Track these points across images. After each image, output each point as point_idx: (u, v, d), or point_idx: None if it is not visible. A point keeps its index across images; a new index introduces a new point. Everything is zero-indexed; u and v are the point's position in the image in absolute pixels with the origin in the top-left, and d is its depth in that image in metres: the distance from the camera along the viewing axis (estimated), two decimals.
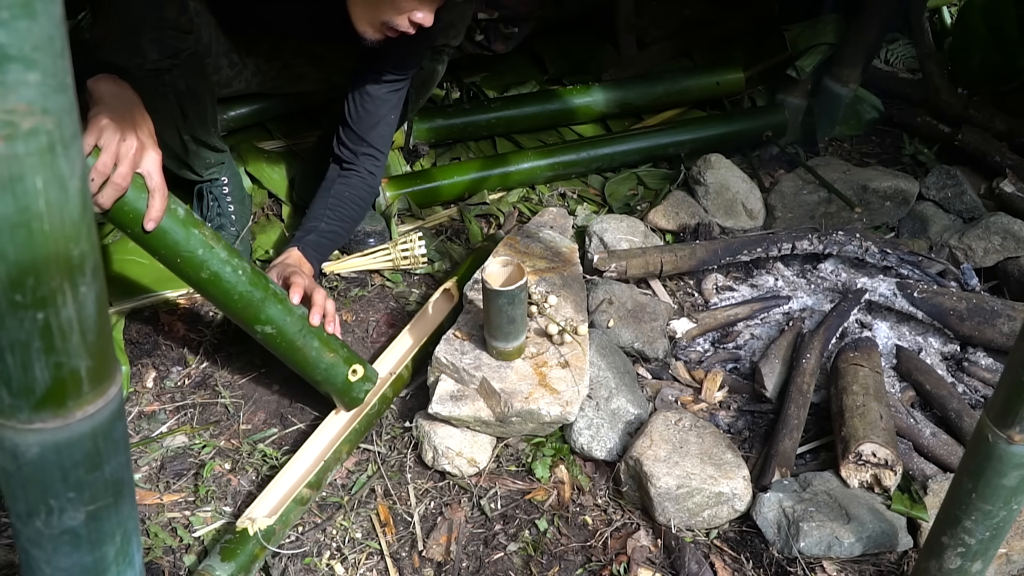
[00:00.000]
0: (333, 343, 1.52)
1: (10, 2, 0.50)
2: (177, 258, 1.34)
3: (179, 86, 1.63)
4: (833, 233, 1.95)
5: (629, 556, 1.41)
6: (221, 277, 1.36)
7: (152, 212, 1.28)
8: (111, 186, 1.24)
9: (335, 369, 1.51)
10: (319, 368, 1.50)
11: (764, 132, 2.49)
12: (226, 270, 1.36)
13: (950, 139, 2.46)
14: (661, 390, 1.70)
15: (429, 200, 2.20)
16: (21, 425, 0.64)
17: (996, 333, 1.74)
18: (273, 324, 1.43)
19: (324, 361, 1.50)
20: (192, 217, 1.35)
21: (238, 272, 1.37)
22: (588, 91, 2.51)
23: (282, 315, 1.44)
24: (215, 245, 1.35)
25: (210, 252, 1.34)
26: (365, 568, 1.40)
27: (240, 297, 1.39)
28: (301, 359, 1.49)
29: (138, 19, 1.51)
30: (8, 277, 0.57)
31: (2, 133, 0.53)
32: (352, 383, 1.53)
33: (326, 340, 1.50)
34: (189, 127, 1.72)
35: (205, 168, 1.86)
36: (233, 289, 1.38)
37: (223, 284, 1.37)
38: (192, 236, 1.32)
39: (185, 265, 1.34)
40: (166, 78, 1.60)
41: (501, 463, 1.56)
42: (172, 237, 1.31)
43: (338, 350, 1.52)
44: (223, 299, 1.39)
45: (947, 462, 1.55)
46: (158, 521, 1.44)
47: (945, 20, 2.99)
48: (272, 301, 1.43)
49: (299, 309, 1.48)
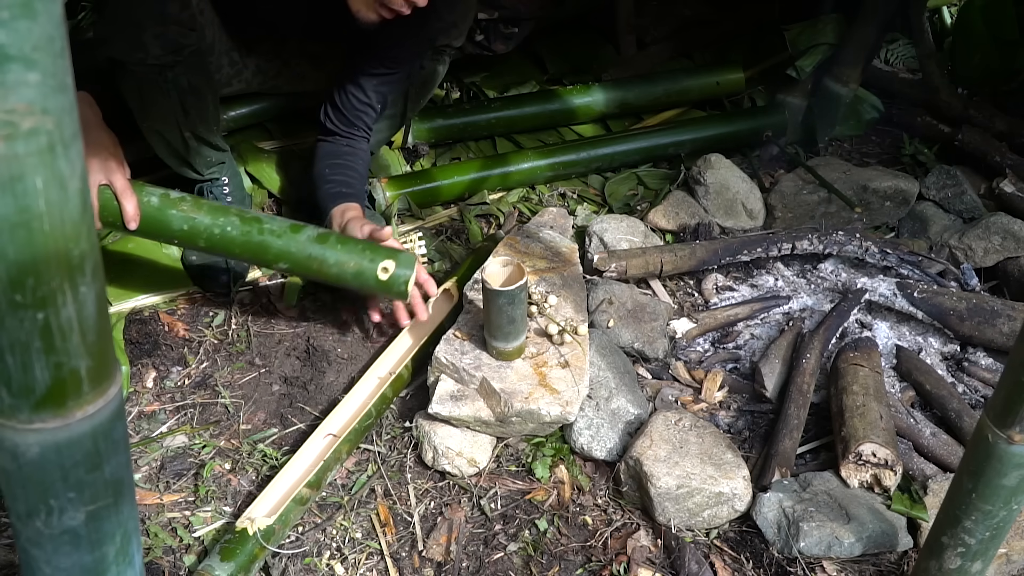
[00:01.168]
0: (351, 249, 1.52)
1: (10, 2, 0.50)
2: (173, 239, 1.52)
3: (181, 83, 1.64)
4: (833, 233, 1.95)
5: (629, 556, 1.41)
6: (215, 238, 1.49)
7: (127, 214, 1.46)
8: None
9: (364, 274, 1.52)
10: (348, 278, 1.52)
11: (764, 132, 2.49)
12: (215, 232, 1.49)
13: (950, 139, 2.46)
14: (661, 390, 1.70)
15: (429, 200, 2.19)
16: (21, 425, 0.64)
17: (996, 333, 1.74)
18: (283, 259, 1.51)
19: (348, 271, 1.51)
20: (168, 199, 1.49)
21: (227, 229, 1.49)
22: (588, 91, 2.51)
23: (286, 248, 1.51)
24: (197, 214, 1.48)
25: (194, 223, 1.48)
26: (365, 568, 1.40)
27: (241, 247, 1.50)
28: (328, 276, 1.53)
29: (141, 14, 1.52)
30: (8, 277, 0.57)
31: (2, 133, 0.53)
32: (387, 281, 1.52)
33: (343, 250, 1.51)
34: (191, 124, 1.72)
35: (206, 167, 1.86)
36: (232, 243, 1.50)
37: (220, 243, 1.50)
38: (172, 218, 1.48)
39: (183, 241, 1.51)
40: (168, 75, 1.60)
41: (501, 463, 1.56)
42: (156, 225, 1.49)
43: (359, 254, 1.51)
44: (229, 254, 1.54)
45: (947, 462, 1.55)
46: (158, 521, 1.44)
47: (945, 20, 2.98)
48: (271, 238, 1.50)
49: (303, 233, 1.51)
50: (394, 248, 1.57)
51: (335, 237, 1.54)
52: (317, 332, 1.82)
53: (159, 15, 1.52)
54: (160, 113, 1.67)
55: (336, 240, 1.54)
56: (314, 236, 1.52)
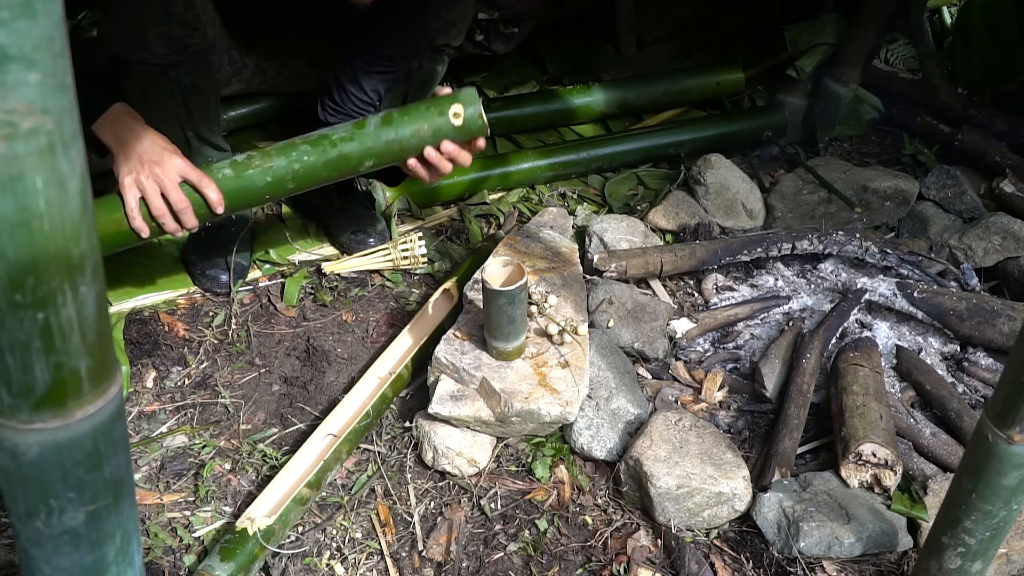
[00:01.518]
0: (417, 115, 1.48)
1: (10, 2, 0.50)
2: (263, 197, 1.51)
3: (184, 82, 1.64)
4: (833, 233, 1.95)
5: (629, 556, 1.41)
6: (300, 175, 1.48)
7: (211, 200, 1.46)
8: (182, 214, 1.45)
9: (442, 129, 1.49)
10: (430, 141, 1.49)
11: (764, 132, 2.49)
12: (297, 169, 1.47)
13: (950, 139, 2.46)
14: (661, 390, 1.70)
15: (429, 200, 2.19)
16: (21, 425, 0.64)
17: (996, 333, 1.74)
18: (368, 157, 1.49)
19: (427, 134, 1.49)
20: (238, 164, 1.48)
21: (305, 159, 1.47)
22: (588, 91, 2.51)
23: (364, 147, 1.49)
24: (272, 162, 1.47)
25: (272, 172, 1.47)
26: (365, 568, 1.40)
27: (327, 168, 1.49)
28: (413, 149, 1.50)
29: (146, 13, 1.52)
30: (8, 277, 0.57)
31: (2, 133, 0.53)
32: (464, 124, 1.48)
33: (411, 120, 1.48)
34: (193, 124, 1.73)
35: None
36: (317, 170, 1.49)
37: (308, 177, 1.49)
38: (252, 180, 1.47)
39: (273, 194, 1.50)
40: (171, 74, 1.61)
41: (501, 463, 1.56)
42: (242, 194, 1.48)
43: (427, 116, 1.48)
44: (320, 181, 1.51)
45: (947, 462, 1.55)
46: (158, 521, 1.44)
47: (945, 20, 2.98)
48: (346, 146, 1.48)
49: (368, 125, 1.49)
50: (450, 94, 1.51)
51: (396, 113, 1.50)
52: (317, 332, 1.82)
53: (163, 14, 1.52)
54: (163, 113, 1.67)
55: (399, 114, 1.50)
56: (379, 122, 1.49)
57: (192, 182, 1.46)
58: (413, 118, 1.48)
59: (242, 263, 1.91)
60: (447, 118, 1.47)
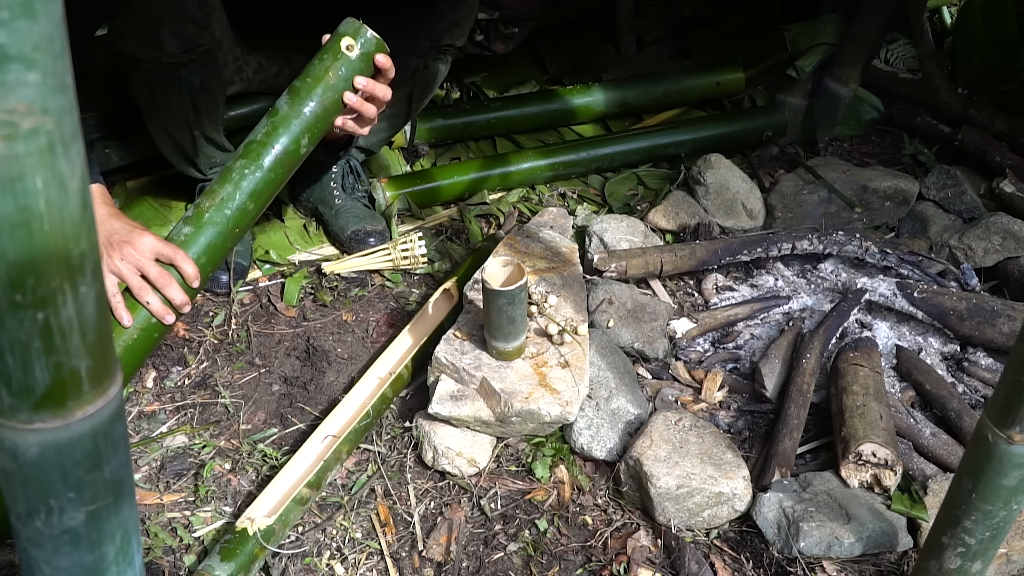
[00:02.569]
0: (313, 74, 1.41)
1: (10, 2, 0.50)
2: (235, 232, 1.43)
3: (193, 82, 1.64)
4: (833, 233, 1.95)
5: (629, 556, 1.41)
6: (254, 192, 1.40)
7: (187, 275, 1.38)
8: (166, 289, 1.37)
9: (345, 72, 1.41)
10: (342, 87, 1.42)
11: (764, 132, 2.49)
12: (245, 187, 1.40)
13: (950, 139, 2.46)
14: (661, 390, 1.70)
15: (429, 200, 2.19)
16: (21, 425, 0.64)
17: (996, 333, 1.74)
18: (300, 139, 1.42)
19: (333, 84, 1.41)
20: (190, 219, 1.40)
21: (246, 173, 1.40)
22: (588, 91, 2.51)
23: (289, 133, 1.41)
24: (221, 194, 1.39)
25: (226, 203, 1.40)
26: (365, 568, 1.40)
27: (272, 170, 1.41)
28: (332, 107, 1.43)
29: (159, 11, 1.51)
30: (8, 277, 0.57)
31: (2, 133, 0.53)
32: (362, 53, 1.42)
33: (311, 83, 1.41)
34: (200, 124, 1.72)
35: (209, 167, 1.87)
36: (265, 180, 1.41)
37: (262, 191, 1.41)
38: (214, 222, 1.40)
39: (242, 224, 1.43)
40: (181, 72, 1.60)
41: (501, 463, 1.56)
42: (215, 241, 1.41)
43: (321, 68, 1.41)
44: (277, 185, 1.43)
45: (947, 462, 1.55)
46: (158, 521, 1.44)
47: (945, 20, 2.98)
48: (274, 142, 1.41)
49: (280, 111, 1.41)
50: (330, 36, 1.43)
51: (297, 82, 1.42)
52: (317, 332, 1.82)
53: (177, 12, 1.52)
54: (171, 112, 1.67)
55: (300, 82, 1.41)
56: (288, 99, 1.41)
57: (167, 257, 1.37)
58: (315, 77, 1.41)
59: (242, 263, 1.91)
60: (344, 56, 1.41)
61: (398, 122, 2.11)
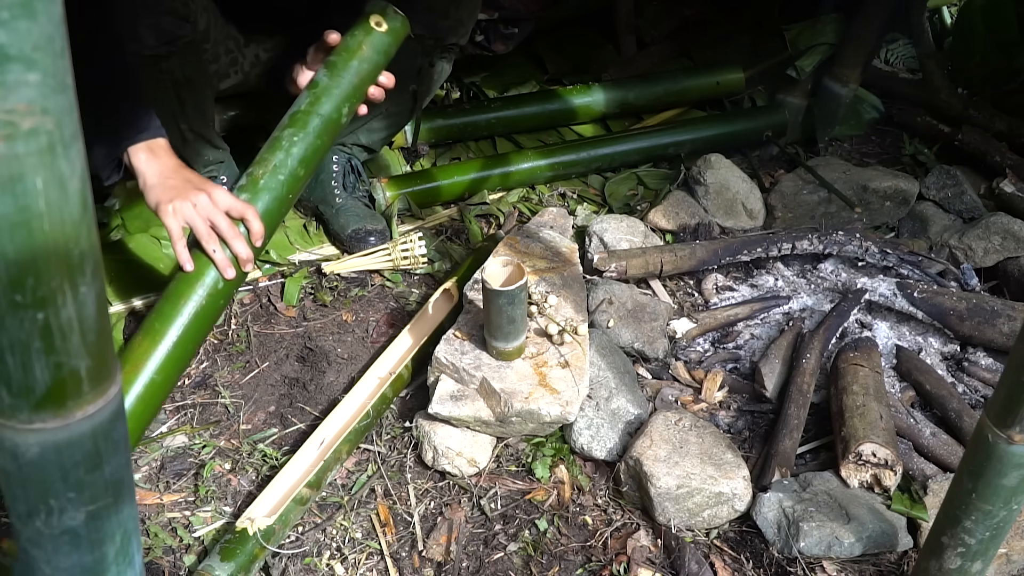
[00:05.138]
0: (349, 48, 1.50)
1: (10, 2, 0.50)
2: (288, 198, 1.48)
3: (176, 75, 1.63)
4: (833, 233, 1.95)
5: (629, 556, 1.41)
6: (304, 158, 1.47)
7: (254, 231, 1.41)
8: (233, 241, 1.39)
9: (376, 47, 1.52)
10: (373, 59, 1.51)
11: (764, 132, 2.49)
12: (295, 152, 1.46)
13: (950, 139, 2.46)
14: (661, 390, 1.70)
15: (429, 200, 2.20)
16: (21, 425, 0.64)
17: (996, 333, 1.74)
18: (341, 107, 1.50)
19: (368, 57, 1.50)
20: (245, 187, 1.44)
21: (296, 139, 1.46)
22: (588, 91, 2.51)
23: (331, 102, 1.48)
24: (273, 161, 1.45)
25: (279, 170, 1.45)
26: (365, 568, 1.40)
27: (319, 137, 1.48)
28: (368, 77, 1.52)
29: (137, 2, 1.51)
30: (8, 277, 0.57)
31: (2, 133, 0.53)
32: (390, 29, 1.52)
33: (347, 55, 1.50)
34: (186, 117, 1.72)
35: (203, 166, 1.86)
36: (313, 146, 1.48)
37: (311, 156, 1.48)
38: (269, 188, 1.45)
39: (295, 190, 1.49)
40: (163, 65, 1.60)
41: (501, 463, 1.56)
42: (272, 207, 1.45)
43: (355, 43, 1.50)
44: (322, 152, 1.50)
45: (947, 462, 1.55)
46: (158, 521, 1.44)
47: (945, 20, 2.99)
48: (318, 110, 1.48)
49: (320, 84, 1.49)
50: (359, 19, 1.52)
51: (333, 57, 1.50)
52: (317, 332, 1.82)
53: (154, 4, 1.52)
54: (157, 105, 1.67)
55: (336, 55, 1.50)
56: (327, 72, 1.49)
57: (239, 212, 1.40)
58: (350, 51, 1.50)
59: None
60: (376, 33, 1.50)
61: (401, 120, 2.11)
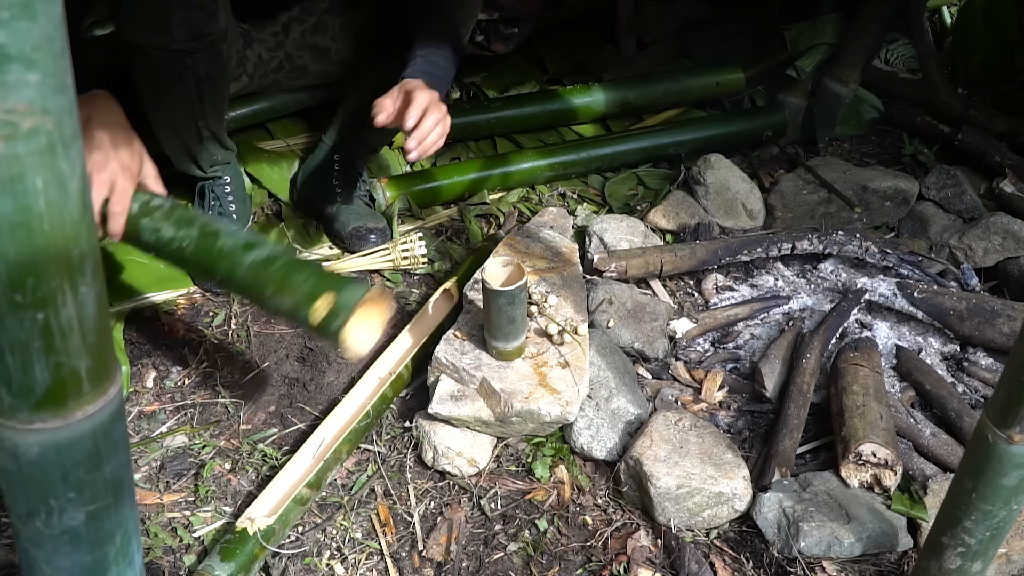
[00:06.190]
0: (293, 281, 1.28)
1: (10, 2, 0.50)
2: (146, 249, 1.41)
3: (199, 71, 1.63)
4: (833, 233, 1.95)
5: (629, 556, 1.41)
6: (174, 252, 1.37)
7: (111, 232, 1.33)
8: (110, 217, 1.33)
9: (299, 312, 1.28)
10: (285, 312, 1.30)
11: (764, 132, 2.49)
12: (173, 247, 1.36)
13: (950, 139, 2.46)
14: (661, 390, 1.70)
15: (429, 200, 2.19)
16: (21, 425, 0.64)
17: (996, 333, 1.74)
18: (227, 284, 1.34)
19: (285, 305, 1.29)
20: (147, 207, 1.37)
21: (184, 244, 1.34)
22: (588, 91, 2.51)
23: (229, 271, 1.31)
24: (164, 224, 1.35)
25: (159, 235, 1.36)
26: (365, 568, 1.40)
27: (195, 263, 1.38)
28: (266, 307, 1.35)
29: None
30: (8, 277, 0.57)
31: (2, 133, 0.53)
32: (322, 325, 1.26)
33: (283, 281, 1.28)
34: (204, 115, 1.72)
35: (210, 164, 1.86)
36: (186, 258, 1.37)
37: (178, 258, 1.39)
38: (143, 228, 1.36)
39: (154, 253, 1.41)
40: (188, 61, 1.60)
41: (501, 463, 1.56)
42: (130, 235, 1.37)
43: (294, 289, 1.27)
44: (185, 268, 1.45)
45: (947, 462, 1.55)
46: (158, 521, 1.44)
47: (945, 20, 2.98)
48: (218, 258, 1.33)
49: (249, 255, 1.31)
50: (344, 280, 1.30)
51: (282, 262, 1.29)
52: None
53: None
54: (176, 103, 1.67)
55: (283, 266, 1.29)
56: (260, 260, 1.30)
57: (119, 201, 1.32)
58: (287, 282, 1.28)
59: None
60: (307, 311, 1.26)
61: None
